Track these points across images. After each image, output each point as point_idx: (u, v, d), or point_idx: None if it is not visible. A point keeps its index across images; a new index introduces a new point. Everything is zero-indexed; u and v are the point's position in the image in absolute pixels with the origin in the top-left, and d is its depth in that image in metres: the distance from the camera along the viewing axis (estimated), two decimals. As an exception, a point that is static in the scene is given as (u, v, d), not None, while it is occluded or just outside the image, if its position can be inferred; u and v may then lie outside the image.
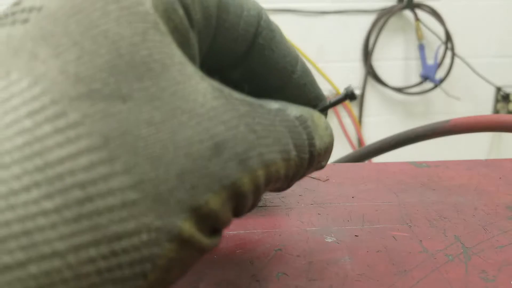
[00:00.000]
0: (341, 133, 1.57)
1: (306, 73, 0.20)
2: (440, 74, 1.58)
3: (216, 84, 0.15)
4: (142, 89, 0.13)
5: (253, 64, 0.19)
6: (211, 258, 0.24)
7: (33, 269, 0.10)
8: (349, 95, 0.21)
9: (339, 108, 1.57)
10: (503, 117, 0.39)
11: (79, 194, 0.11)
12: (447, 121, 0.42)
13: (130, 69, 0.13)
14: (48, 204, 0.11)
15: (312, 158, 0.18)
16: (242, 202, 0.15)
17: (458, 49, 1.57)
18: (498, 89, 1.64)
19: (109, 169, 0.12)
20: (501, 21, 1.58)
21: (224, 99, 0.14)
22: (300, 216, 0.29)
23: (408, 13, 1.54)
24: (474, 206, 0.31)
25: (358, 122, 1.60)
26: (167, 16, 0.14)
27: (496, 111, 1.66)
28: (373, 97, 1.61)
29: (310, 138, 0.17)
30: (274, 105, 0.17)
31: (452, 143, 1.13)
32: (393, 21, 1.53)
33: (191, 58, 0.15)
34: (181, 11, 0.15)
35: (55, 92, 0.12)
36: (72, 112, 0.12)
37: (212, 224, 0.14)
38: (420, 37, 1.55)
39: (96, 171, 0.11)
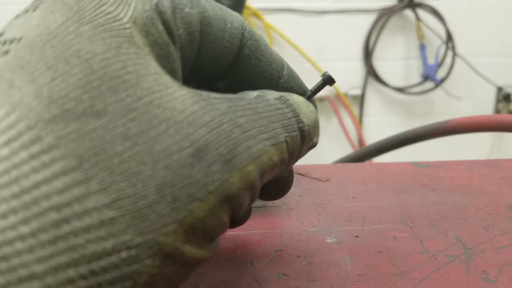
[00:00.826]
0: (341, 133, 1.57)
1: (293, 76, 0.20)
2: (441, 74, 1.58)
3: (194, 90, 0.15)
4: (117, 101, 0.13)
5: (240, 73, 0.19)
6: (211, 258, 0.24)
7: None
8: (328, 81, 0.21)
9: (340, 108, 1.57)
10: (504, 117, 0.39)
11: (55, 216, 0.11)
12: (448, 121, 0.42)
13: (103, 83, 0.13)
14: (25, 229, 0.11)
15: (303, 134, 0.18)
16: (236, 202, 0.14)
17: (459, 49, 1.56)
18: (499, 89, 1.63)
19: (84, 189, 0.12)
20: (502, 21, 1.58)
21: (204, 102, 0.14)
22: (301, 217, 0.29)
23: (408, 12, 1.54)
24: (475, 207, 0.30)
25: (359, 122, 1.60)
26: (146, 30, 0.15)
27: (497, 111, 1.66)
28: (374, 97, 1.61)
29: (296, 115, 0.18)
30: (252, 93, 0.17)
31: (453, 143, 1.13)
32: (393, 21, 1.53)
33: (172, 70, 0.16)
34: (160, 26, 0.15)
35: (31, 118, 0.12)
36: (47, 135, 0.12)
37: (202, 233, 0.14)
38: (420, 36, 1.55)
39: (71, 193, 0.12)
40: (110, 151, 0.12)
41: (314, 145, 0.20)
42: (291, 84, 0.20)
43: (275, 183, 0.22)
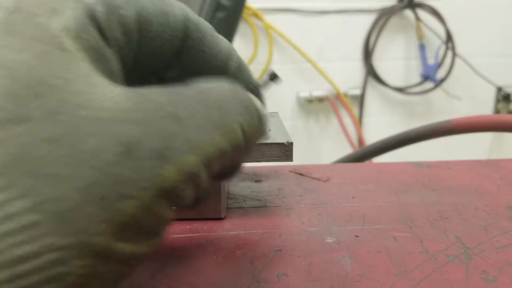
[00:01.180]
0: (341, 133, 1.57)
1: (241, 69, 0.20)
2: (440, 74, 1.58)
3: (131, 88, 0.15)
4: (42, 106, 0.13)
5: (186, 64, 0.19)
6: (211, 258, 0.24)
7: None
8: (272, 77, 0.22)
9: (340, 108, 1.57)
10: (504, 117, 0.39)
11: None
12: (448, 121, 0.42)
13: (28, 90, 0.13)
14: None
15: (260, 118, 0.18)
16: (175, 194, 0.14)
17: (458, 49, 1.56)
18: (499, 89, 1.63)
19: (6, 195, 0.12)
20: (502, 20, 1.58)
21: (138, 98, 0.14)
22: (301, 217, 0.29)
23: (408, 12, 1.54)
24: (475, 207, 0.30)
25: (359, 122, 1.60)
26: (78, 36, 0.15)
27: (496, 111, 1.66)
28: (374, 97, 1.61)
29: (247, 100, 0.17)
30: (203, 82, 0.17)
31: (453, 143, 1.13)
32: (393, 21, 1.53)
33: (111, 72, 0.16)
34: (94, 31, 0.15)
35: None
36: None
37: (137, 230, 0.14)
38: (420, 36, 1.55)
39: None
40: (34, 155, 0.12)
41: (265, 136, 0.19)
42: (239, 77, 0.20)
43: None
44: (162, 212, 0.14)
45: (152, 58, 0.18)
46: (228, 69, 0.20)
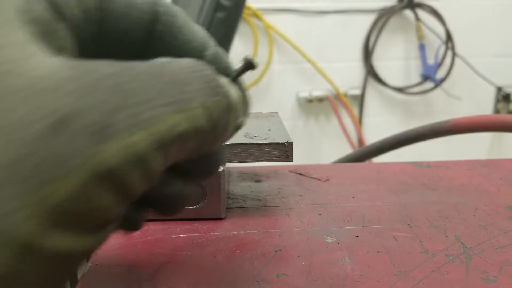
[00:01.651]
0: (341, 133, 1.57)
1: (218, 58, 0.19)
2: (440, 74, 1.58)
3: (75, 59, 0.13)
4: None
5: (157, 52, 0.18)
6: (211, 258, 0.24)
7: None
8: (248, 66, 0.19)
9: (340, 108, 1.57)
10: (504, 117, 0.39)
11: None
12: (448, 121, 0.42)
13: None
14: None
15: (228, 101, 0.16)
16: (120, 179, 0.12)
17: (458, 49, 1.56)
18: (499, 89, 1.63)
19: None
20: (502, 20, 1.58)
21: (79, 68, 0.12)
22: (300, 217, 0.29)
23: (408, 12, 1.54)
24: (474, 207, 0.30)
25: (359, 122, 1.60)
26: (24, 9, 0.14)
27: (496, 111, 1.66)
28: (374, 97, 1.61)
29: (213, 80, 0.15)
30: (164, 59, 0.15)
31: (453, 143, 1.13)
32: (393, 21, 1.53)
33: (62, 48, 0.15)
34: (40, 6, 0.14)
35: None
36: None
37: (75, 218, 0.11)
38: (420, 36, 1.55)
39: None
40: None
41: (240, 125, 0.18)
42: (214, 64, 0.19)
43: (205, 161, 0.19)
44: (103, 200, 0.12)
45: (118, 42, 0.17)
46: (204, 58, 0.18)
